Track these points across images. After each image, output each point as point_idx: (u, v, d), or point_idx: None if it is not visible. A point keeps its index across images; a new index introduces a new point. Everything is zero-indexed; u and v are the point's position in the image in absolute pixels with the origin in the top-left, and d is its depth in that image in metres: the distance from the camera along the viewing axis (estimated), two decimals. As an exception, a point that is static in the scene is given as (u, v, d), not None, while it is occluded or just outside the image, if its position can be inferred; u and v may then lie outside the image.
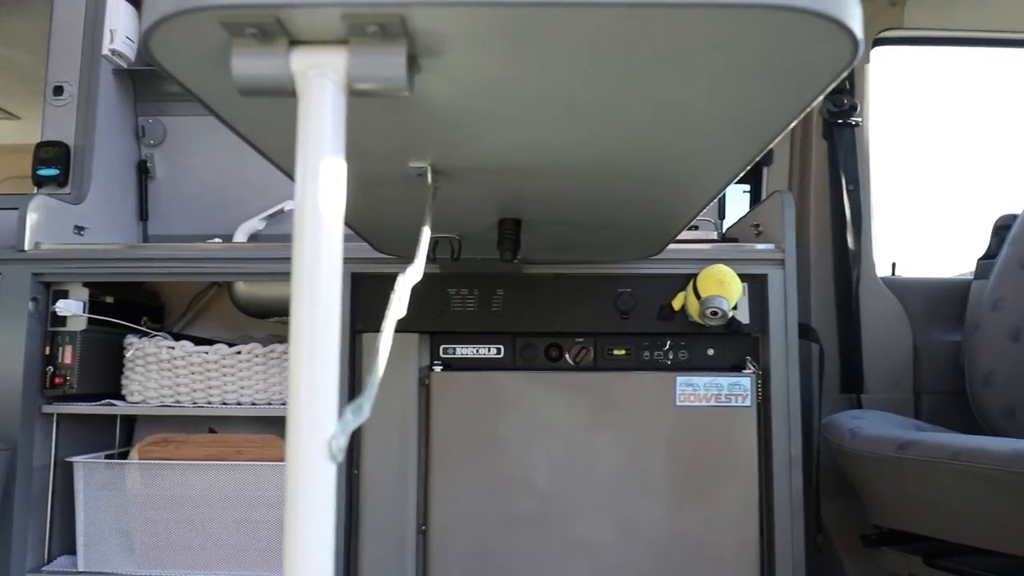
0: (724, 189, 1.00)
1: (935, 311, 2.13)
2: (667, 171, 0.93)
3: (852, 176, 2.09)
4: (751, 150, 0.83)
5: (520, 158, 0.89)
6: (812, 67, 0.61)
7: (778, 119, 0.73)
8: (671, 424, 1.62)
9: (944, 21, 2.15)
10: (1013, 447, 1.35)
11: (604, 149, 0.86)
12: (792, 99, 0.68)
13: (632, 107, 0.70)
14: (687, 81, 0.64)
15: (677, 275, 1.63)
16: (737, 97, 0.68)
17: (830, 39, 0.56)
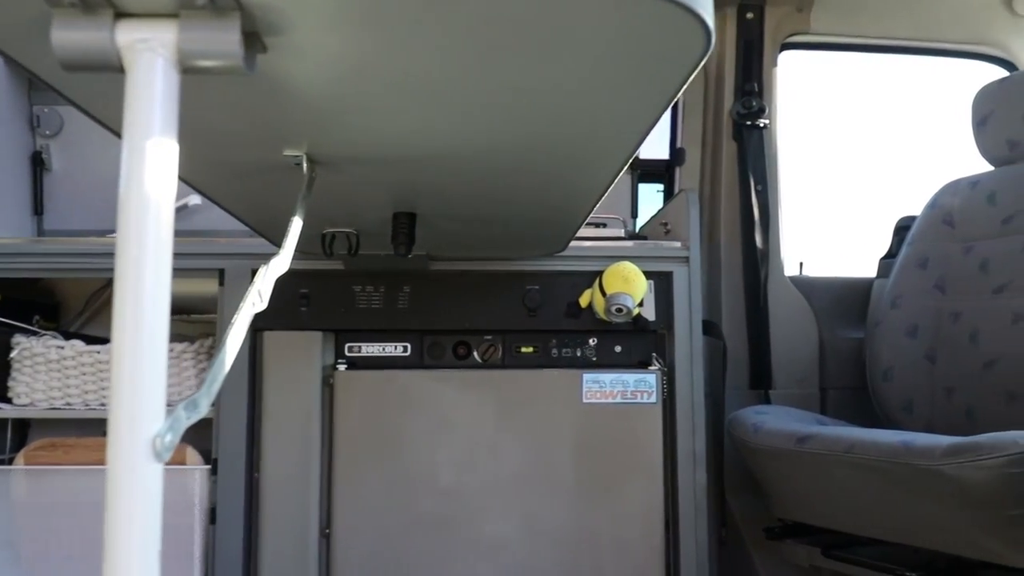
0: (611, 183, 1.00)
1: (840, 309, 2.19)
2: (551, 163, 0.92)
3: (760, 177, 2.13)
4: (628, 142, 0.83)
5: (403, 148, 0.87)
6: (670, 57, 0.61)
7: (646, 111, 0.73)
8: (577, 421, 1.62)
9: (849, 27, 2.22)
10: (901, 439, 1.39)
11: (484, 139, 0.84)
12: (655, 91, 0.68)
13: (496, 91, 0.69)
14: (548, 67, 0.63)
15: (584, 272, 1.63)
16: (600, 85, 0.67)
17: (684, 28, 0.56)
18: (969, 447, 1.25)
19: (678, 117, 2.23)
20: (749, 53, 2.16)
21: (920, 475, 1.33)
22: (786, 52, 2.26)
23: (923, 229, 1.99)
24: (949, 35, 2.27)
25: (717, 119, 2.20)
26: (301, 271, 1.60)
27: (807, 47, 2.26)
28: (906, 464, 1.35)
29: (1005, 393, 1.75)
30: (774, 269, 2.13)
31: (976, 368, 1.81)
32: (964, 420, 1.82)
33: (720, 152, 2.18)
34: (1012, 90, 1.88)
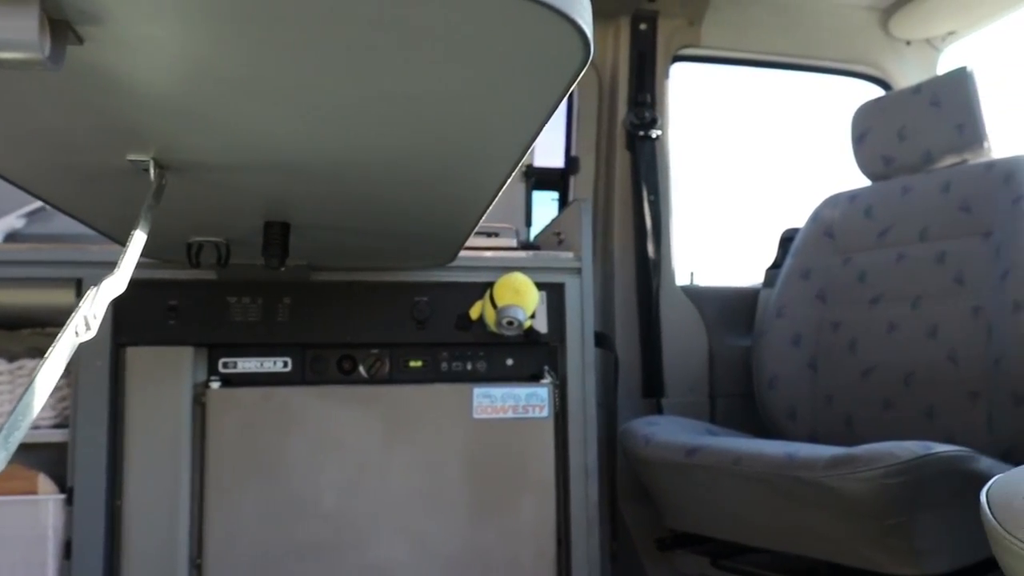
0: (497, 193, 0.95)
1: (728, 318, 2.23)
2: (432, 173, 0.87)
3: (653, 187, 2.14)
4: (512, 152, 0.78)
5: (267, 155, 0.80)
6: (549, 65, 0.57)
7: (528, 120, 0.68)
8: (468, 437, 1.57)
9: (738, 43, 2.27)
10: (786, 451, 1.40)
11: (356, 147, 0.78)
12: (536, 99, 0.64)
13: (362, 97, 0.63)
14: (417, 72, 0.58)
15: (475, 283, 1.58)
16: (477, 93, 0.62)
17: (563, 37, 0.52)
18: (848, 459, 1.28)
19: (573, 126, 2.22)
20: (642, 64, 2.17)
21: (803, 486, 1.35)
22: (679, 64, 2.28)
23: (806, 241, 2.05)
24: (831, 54, 2.35)
25: (611, 129, 2.20)
26: (169, 281, 1.48)
27: (698, 60, 2.29)
28: (790, 476, 1.36)
29: (881, 400, 1.81)
30: (666, 279, 2.15)
31: (854, 376, 1.87)
32: (844, 427, 1.88)
33: (614, 162, 2.18)
34: (888, 109, 1.96)
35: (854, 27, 2.34)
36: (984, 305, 1.66)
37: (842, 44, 2.35)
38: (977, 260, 1.72)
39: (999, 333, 1.60)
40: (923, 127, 1.88)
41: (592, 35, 0.53)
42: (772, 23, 2.27)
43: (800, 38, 2.31)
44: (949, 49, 2.43)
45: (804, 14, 2.29)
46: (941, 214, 1.82)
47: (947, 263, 1.77)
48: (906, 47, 2.40)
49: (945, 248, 1.79)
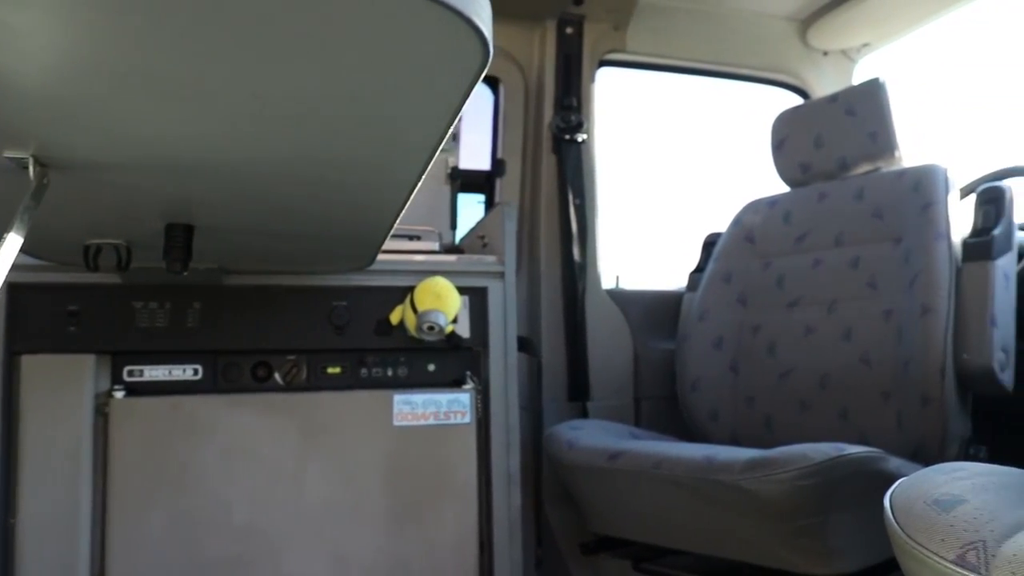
0: (409, 196, 0.93)
1: (653, 321, 2.25)
2: (339, 175, 0.84)
3: (579, 191, 2.14)
4: (419, 154, 0.76)
5: (162, 155, 0.75)
6: (450, 66, 0.55)
7: (432, 121, 0.66)
8: (388, 445, 1.53)
9: (662, 49, 2.29)
10: (705, 454, 1.42)
11: (257, 148, 0.74)
12: (439, 101, 0.62)
13: (258, 96, 0.59)
14: (311, 70, 0.55)
15: (396, 288, 1.55)
16: (376, 93, 0.60)
17: (462, 37, 0.50)
18: (764, 462, 1.29)
19: (499, 128, 2.21)
20: (568, 68, 2.18)
21: (721, 489, 1.36)
22: (606, 69, 2.29)
23: (727, 245, 2.08)
24: (751, 62, 2.40)
25: (537, 132, 2.19)
26: (69, 285, 1.40)
27: (624, 65, 2.31)
28: (708, 479, 1.37)
29: (798, 402, 1.85)
30: (591, 282, 2.15)
31: (773, 378, 1.91)
32: (763, 429, 1.91)
33: (540, 165, 2.17)
34: (805, 117, 2.01)
35: (774, 37, 2.40)
36: (895, 309, 1.71)
37: (762, 53, 2.40)
38: (888, 265, 1.77)
39: (908, 336, 1.65)
40: (838, 135, 1.93)
41: (491, 36, 0.51)
42: (695, 31, 2.30)
43: (722, 46, 2.35)
44: (864, 60, 2.51)
45: (726, 23, 2.33)
46: (855, 220, 1.87)
47: (860, 268, 1.82)
48: (823, 57, 2.46)
49: (859, 253, 1.84)
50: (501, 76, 2.19)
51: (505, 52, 2.18)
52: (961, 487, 0.74)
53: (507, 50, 2.18)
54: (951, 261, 1.63)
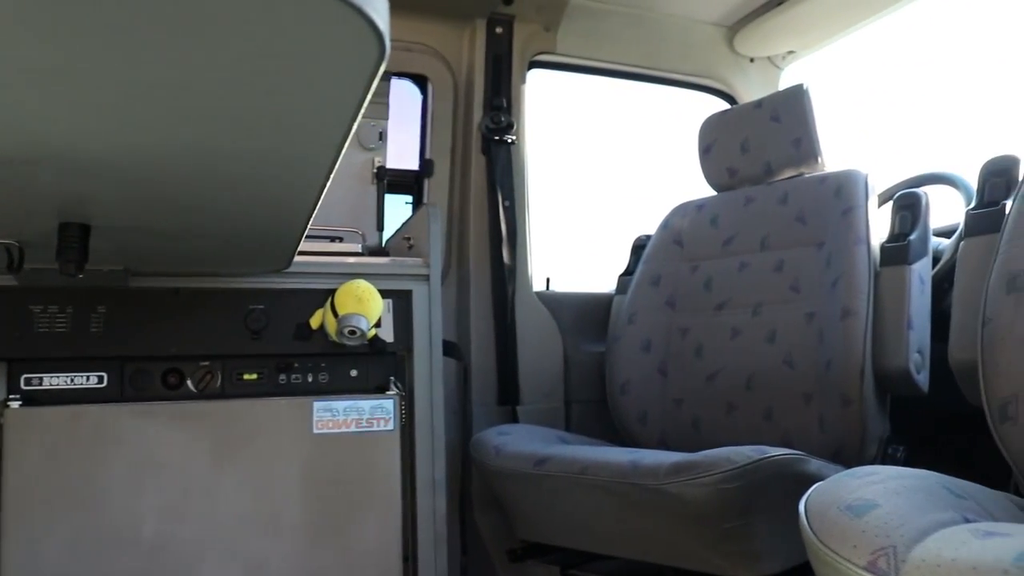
0: (319, 195, 0.89)
1: (583, 324, 2.24)
2: (244, 173, 0.79)
3: (508, 193, 2.12)
4: (325, 152, 0.72)
5: (47, 150, 0.69)
6: (346, 61, 0.52)
7: (334, 118, 0.63)
8: (307, 454, 1.47)
9: (591, 51, 2.29)
10: (631, 459, 1.41)
11: (153, 144, 0.69)
12: (338, 97, 0.58)
13: (145, 88, 0.55)
14: (196, 60, 0.51)
15: (316, 290, 1.50)
16: (271, 86, 0.56)
17: (358, 31, 0.47)
18: (688, 465, 1.29)
19: (427, 128, 2.17)
20: (498, 68, 2.15)
21: (646, 494, 1.36)
22: (536, 70, 2.28)
23: (656, 248, 2.09)
24: (679, 67, 2.42)
25: (466, 132, 2.16)
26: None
27: (554, 67, 2.30)
28: (634, 484, 1.36)
29: (725, 404, 1.87)
30: (521, 285, 2.13)
31: (701, 380, 1.92)
32: (691, 431, 1.92)
33: (469, 166, 2.14)
34: (732, 122, 2.03)
35: (702, 43, 2.42)
36: (817, 311, 1.74)
37: (691, 58, 2.42)
38: (811, 268, 1.80)
39: (829, 338, 1.67)
40: (764, 141, 1.96)
41: (387, 29, 0.48)
42: (624, 34, 2.31)
43: (651, 51, 2.36)
44: (790, 68, 2.56)
45: (655, 28, 2.34)
46: (780, 224, 1.89)
47: (785, 271, 1.85)
48: (750, 64, 2.50)
49: (783, 257, 1.86)
50: (430, 75, 2.15)
51: (433, 50, 2.14)
52: (873, 492, 0.74)
53: (436, 48, 2.14)
54: (870, 265, 1.66)
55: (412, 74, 2.14)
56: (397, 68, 2.09)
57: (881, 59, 2.79)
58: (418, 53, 2.13)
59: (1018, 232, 1.21)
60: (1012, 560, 0.58)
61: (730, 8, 2.31)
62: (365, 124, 1.94)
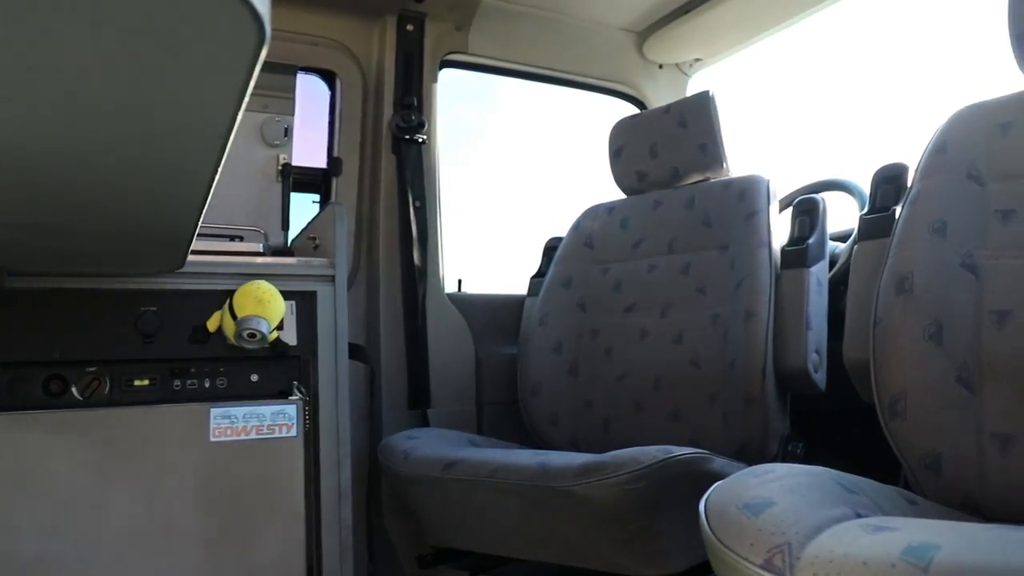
0: (207, 192, 0.84)
1: (496, 326, 2.23)
2: (111, 164, 0.73)
3: (419, 193, 2.09)
4: (209, 147, 0.68)
5: None
6: (222, 48, 0.48)
7: (214, 109, 0.59)
8: (204, 463, 1.40)
9: (504, 52, 2.28)
10: (540, 461, 1.40)
11: (16, 133, 0.63)
12: (215, 86, 0.54)
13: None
14: (60, 43, 0.46)
15: (214, 292, 1.43)
16: (142, 72, 0.52)
17: (235, 17, 0.44)
18: (595, 467, 1.29)
19: (335, 125, 2.11)
20: (409, 66, 2.12)
21: (555, 496, 1.35)
22: (448, 70, 2.25)
23: (567, 250, 2.09)
24: (591, 71, 2.44)
25: (376, 131, 2.12)
26: None
27: (466, 67, 2.28)
28: (543, 486, 1.36)
29: (633, 404, 1.89)
30: (432, 287, 2.10)
31: (610, 381, 1.93)
32: (601, 431, 1.93)
33: (379, 165, 2.10)
34: (641, 127, 2.05)
35: (612, 48, 2.45)
36: (721, 313, 1.78)
37: (601, 63, 2.44)
38: (716, 271, 1.84)
39: (733, 339, 1.71)
40: (672, 146, 1.99)
41: (267, 15, 0.45)
42: (537, 37, 2.31)
43: (562, 54, 2.37)
44: (698, 75, 2.61)
45: (566, 31, 2.36)
46: (686, 227, 1.93)
47: (691, 274, 1.88)
48: (659, 70, 2.55)
49: (690, 260, 1.90)
50: (338, 71, 2.09)
51: (342, 46, 2.09)
52: (770, 490, 0.76)
53: (344, 44, 2.09)
54: (771, 268, 1.71)
55: (319, 69, 2.08)
56: (303, 62, 2.03)
57: (786, 68, 2.89)
58: (325, 48, 2.07)
59: (906, 236, 1.26)
60: (899, 554, 0.59)
61: (640, 15, 2.34)
62: (270, 120, 1.87)
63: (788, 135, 2.91)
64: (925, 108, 2.51)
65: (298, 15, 2.03)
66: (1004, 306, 1.16)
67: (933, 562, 0.57)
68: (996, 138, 1.28)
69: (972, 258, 1.22)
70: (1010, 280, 1.18)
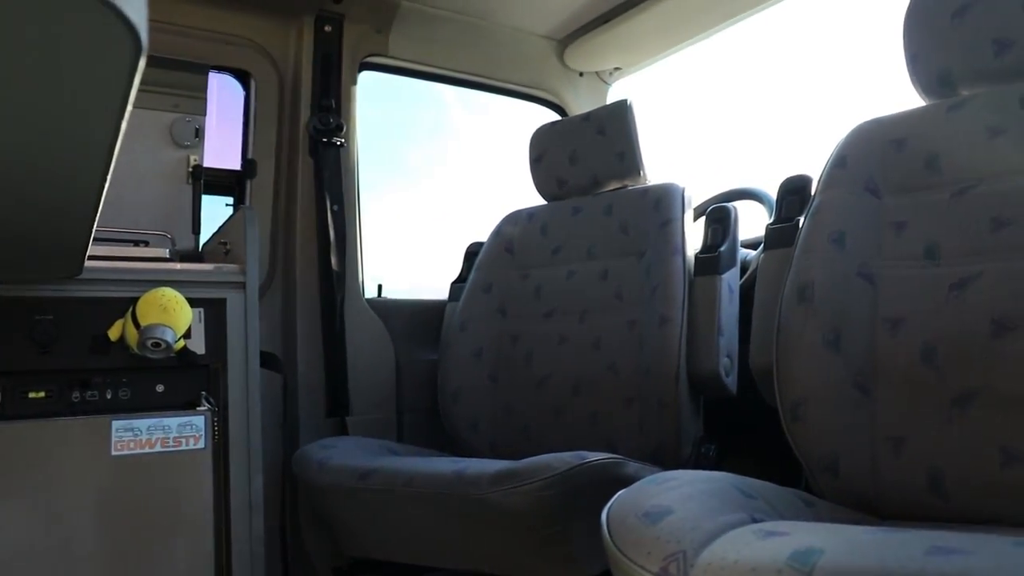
0: (99, 197, 0.80)
1: (416, 332, 2.21)
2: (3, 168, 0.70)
3: (337, 196, 2.05)
4: (95, 151, 0.65)
5: None
6: (100, 54, 0.46)
7: (94, 115, 0.56)
8: (105, 478, 1.35)
9: (424, 56, 2.26)
10: (455, 468, 1.39)
11: None
12: (95, 91, 0.52)
13: None
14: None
15: (117, 299, 1.37)
16: (14, 78, 0.49)
17: (109, 25, 0.42)
18: (510, 474, 1.29)
19: (250, 126, 2.06)
20: (327, 67, 2.08)
21: (471, 503, 1.35)
22: (368, 72, 2.23)
23: (488, 256, 2.10)
24: (512, 77, 2.45)
25: (293, 133, 2.07)
26: None
27: (386, 69, 2.25)
28: (458, 494, 1.35)
29: (553, 409, 1.90)
30: (351, 292, 2.07)
31: (530, 387, 1.94)
32: (521, 437, 1.94)
33: (296, 168, 2.06)
34: (561, 134, 2.07)
35: (534, 55, 2.47)
36: (637, 319, 1.81)
37: (523, 69, 2.46)
38: (632, 277, 1.87)
39: (648, 344, 1.74)
40: (591, 153, 2.01)
41: (144, 27, 0.44)
42: (457, 41, 2.31)
43: (484, 59, 2.37)
44: (618, 83, 2.66)
45: (488, 37, 2.36)
46: (605, 234, 1.96)
47: (609, 280, 1.91)
48: (579, 78, 2.58)
49: (608, 266, 1.93)
50: (252, 71, 2.04)
51: (257, 45, 2.04)
52: (670, 497, 0.77)
53: (259, 43, 2.04)
54: (685, 275, 1.75)
55: (233, 69, 2.03)
56: (216, 61, 1.97)
57: (704, 78, 2.97)
58: (240, 47, 2.02)
59: (808, 247, 1.31)
60: (785, 560, 0.61)
61: (560, 23, 2.36)
62: (180, 120, 1.81)
63: (705, 143, 2.99)
64: (837, 118, 2.62)
65: (211, 12, 1.97)
66: (897, 314, 1.22)
67: (816, 567, 0.59)
68: (891, 153, 1.34)
69: (868, 268, 1.27)
70: (903, 289, 1.23)
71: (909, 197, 1.31)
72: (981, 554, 0.58)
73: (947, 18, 1.33)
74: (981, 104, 1.29)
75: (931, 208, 1.27)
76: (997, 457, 1.07)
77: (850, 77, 2.73)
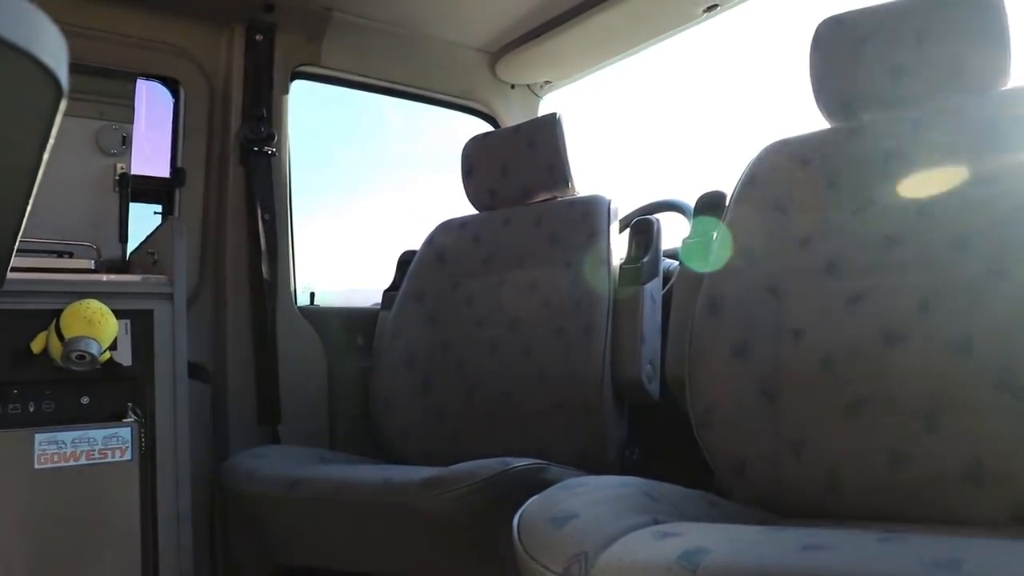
0: (22, 215, 0.81)
1: (349, 340, 2.23)
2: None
3: (268, 205, 2.06)
4: (17, 181, 0.67)
5: None
6: (19, 105, 0.49)
7: (13, 158, 0.58)
8: (28, 493, 1.33)
9: (357, 66, 2.28)
10: (384, 476, 1.42)
11: None
12: (10, 136, 0.54)
13: None
14: None
15: (40, 311, 1.36)
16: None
17: (29, 74, 0.44)
18: (436, 481, 1.33)
19: (179, 134, 2.04)
20: (259, 76, 2.08)
21: (399, 510, 1.38)
22: (300, 81, 2.23)
23: (420, 264, 2.13)
24: (445, 88, 2.49)
25: (224, 141, 2.07)
26: None
27: (319, 79, 2.27)
28: (386, 501, 1.38)
29: (485, 415, 1.94)
30: (283, 301, 2.08)
31: (461, 394, 1.98)
32: (453, 444, 1.98)
33: (227, 177, 2.05)
34: (493, 146, 2.12)
35: (466, 66, 2.51)
36: (565, 327, 1.87)
37: (455, 81, 2.50)
38: (561, 287, 1.93)
39: (575, 353, 1.80)
40: (521, 165, 2.07)
41: (65, 74, 0.46)
42: (390, 51, 2.33)
43: (417, 70, 2.41)
44: (549, 96, 2.72)
45: (421, 48, 2.39)
46: (535, 245, 2.01)
47: (538, 289, 1.96)
48: (511, 90, 2.63)
49: (537, 276, 1.98)
50: (181, 78, 2.03)
51: (186, 53, 2.03)
52: (576, 503, 0.82)
53: (188, 51, 2.03)
54: (610, 285, 1.82)
55: (162, 76, 2.01)
56: (144, 69, 1.96)
57: (633, 92, 3.06)
58: (168, 54, 2.01)
59: (719, 261, 1.39)
60: (675, 559, 0.67)
61: (492, 36, 2.41)
62: (106, 127, 1.80)
63: (632, 155, 3.08)
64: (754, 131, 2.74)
65: (139, 19, 1.95)
66: (800, 325, 1.30)
67: (701, 565, 0.65)
68: (797, 173, 1.43)
69: (775, 281, 1.35)
70: (806, 302, 1.32)
71: (813, 215, 1.39)
72: (846, 549, 0.65)
73: (849, 47, 1.43)
74: (879, 128, 1.39)
75: (833, 226, 1.36)
76: (886, 459, 1.16)
77: (768, 94, 2.86)
